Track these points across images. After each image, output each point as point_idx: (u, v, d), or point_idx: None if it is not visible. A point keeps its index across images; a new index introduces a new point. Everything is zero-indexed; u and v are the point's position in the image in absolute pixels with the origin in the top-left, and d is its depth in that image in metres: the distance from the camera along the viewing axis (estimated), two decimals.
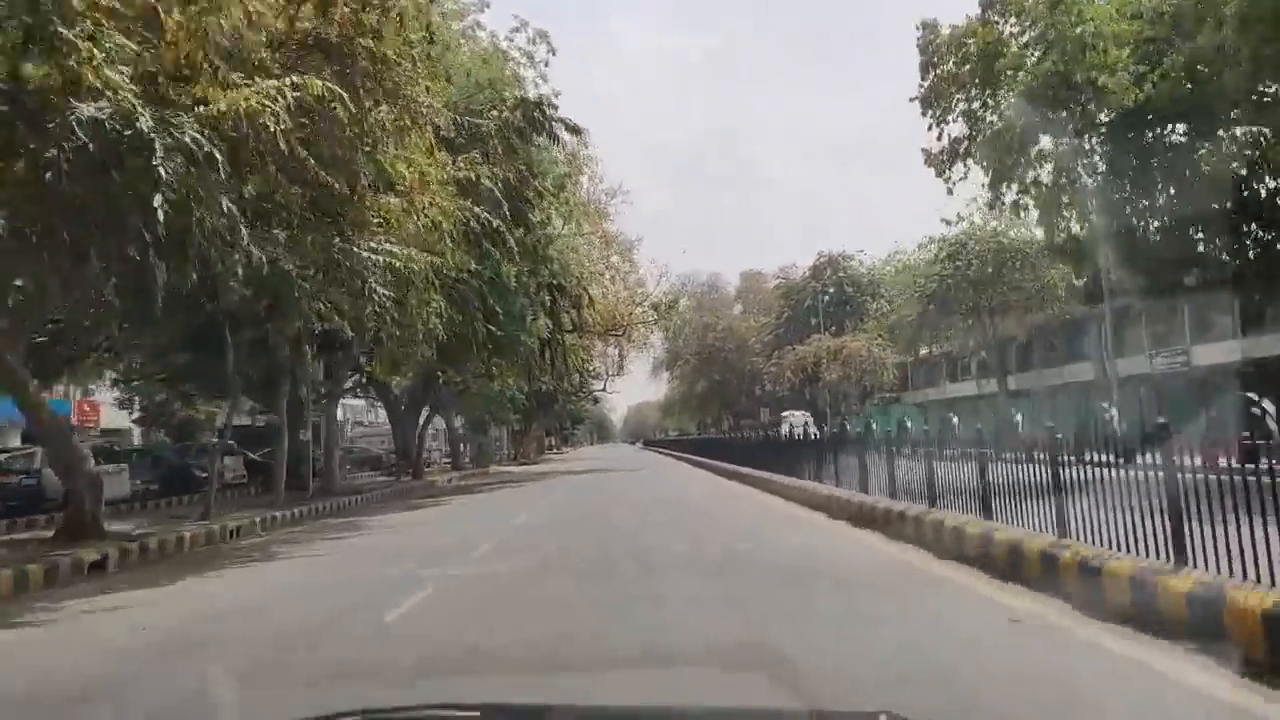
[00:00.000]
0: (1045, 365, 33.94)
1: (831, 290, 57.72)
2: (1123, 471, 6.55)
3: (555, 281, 32.64)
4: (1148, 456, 6.18)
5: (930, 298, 34.17)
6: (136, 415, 46.89)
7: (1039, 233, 33.20)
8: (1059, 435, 7.88)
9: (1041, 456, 7.97)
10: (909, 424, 14.86)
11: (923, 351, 50.28)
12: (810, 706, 4.36)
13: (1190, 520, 5.71)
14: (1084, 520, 7.04)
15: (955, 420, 15.46)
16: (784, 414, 35.20)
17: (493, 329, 26.58)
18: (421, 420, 38.05)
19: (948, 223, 35.15)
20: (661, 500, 19.86)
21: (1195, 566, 5.63)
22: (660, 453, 66.41)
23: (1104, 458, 6.98)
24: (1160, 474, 5.98)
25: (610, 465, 44.27)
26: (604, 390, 70.46)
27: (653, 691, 4.63)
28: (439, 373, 35.12)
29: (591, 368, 63.42)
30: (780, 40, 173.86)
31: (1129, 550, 6.35)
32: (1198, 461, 5.91)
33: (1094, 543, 6.86)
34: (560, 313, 34.72)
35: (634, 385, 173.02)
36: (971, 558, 8.24)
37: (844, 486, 15.19)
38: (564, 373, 53.09)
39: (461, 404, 44.86)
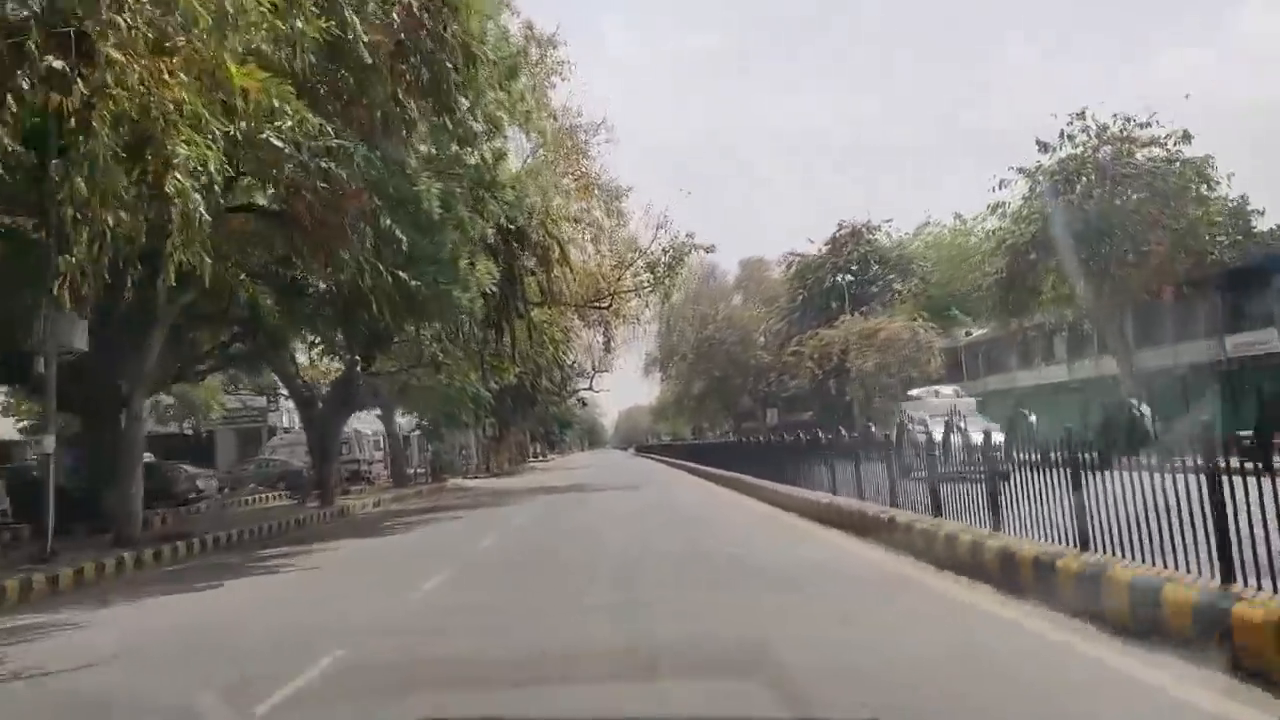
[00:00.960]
0: (1189, 336, 24.14)
1: (854, 267, 47.74)
2: None
3: (512, 224, 22.58)
4: None
5: (1030, 246, 24.18)
6: (25, 423, 37.04)
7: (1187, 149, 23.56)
8: None
9: None
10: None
11: (987, 328, 40.31)
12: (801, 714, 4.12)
13: None
14: None
15: None
16: (914, 395, 23.58)
17: (402, 276, 16.62)
18: (345, 423, 27.92)
19: (1044, 147, 25.40)
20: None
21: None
22: (656, 459, 56.37)
23: None
24: None
25: (599, 478, 34.28)
26: (590, 389, 60.48)
27: None
28: (357, 360, 25.07)
29: (572, 360, 53.44)
30: (780, 40, 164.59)
31: None
32: None
33: None
34: (523, 273, 24.66)
35: (624, 386, 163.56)
36: None
37: None
38: (541, 366, 43.07)
39: (406, 403, 34.75)
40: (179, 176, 8.12)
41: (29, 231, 12.70)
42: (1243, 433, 5.40)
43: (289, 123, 11.35)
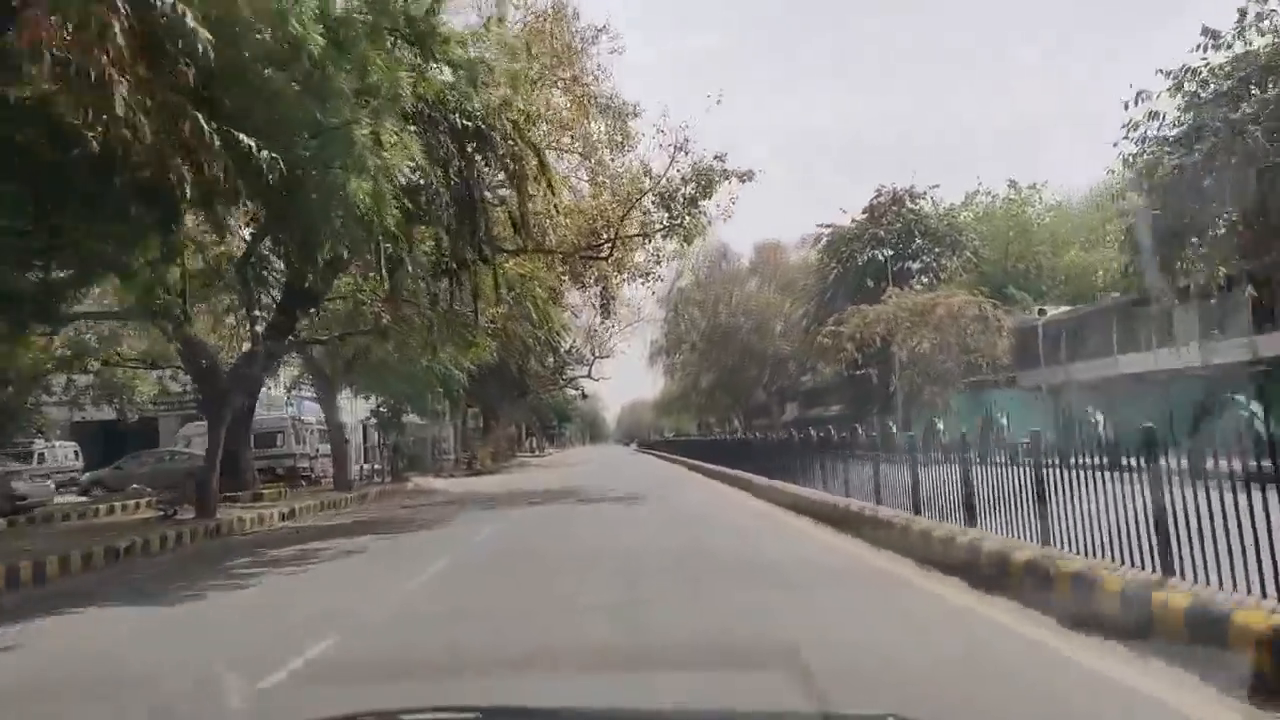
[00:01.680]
0: None
1: (896, 237, 40.15)
2: None
3: (468, 119, 15.28)
4: None
5: (1205, 165, 16.66)
6: None
7: None
8: None
9: None
10: None
11: (1064, 306, 33.15)
12: (820, 708, 4.08)
13: None
14: None
15: None
16: None
17: (243, 141, 9.52)
18: (245, 404, 20.65)
19: (1213, 37, 18.01)
20: None
21: None
22: (659, 456, 48.98)
23: None
24: None
25: (594, 479, 27.18)
26: (589, 376, 53.24)
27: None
28: (255, 317, 17.99)
29: (569, 345, 46.22)
30: (780, 40, 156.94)
31: None
32: None
33: None
34: (486, 200, 17.36)
35: (627, 379, 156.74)
36: None
37: None
38: (529, 346, 35.76)
39: (354, 382, 27.55)
40: None
41: None
42: None
43: None
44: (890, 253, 39.55)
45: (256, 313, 17.83)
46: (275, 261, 20.11)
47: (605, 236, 20.58)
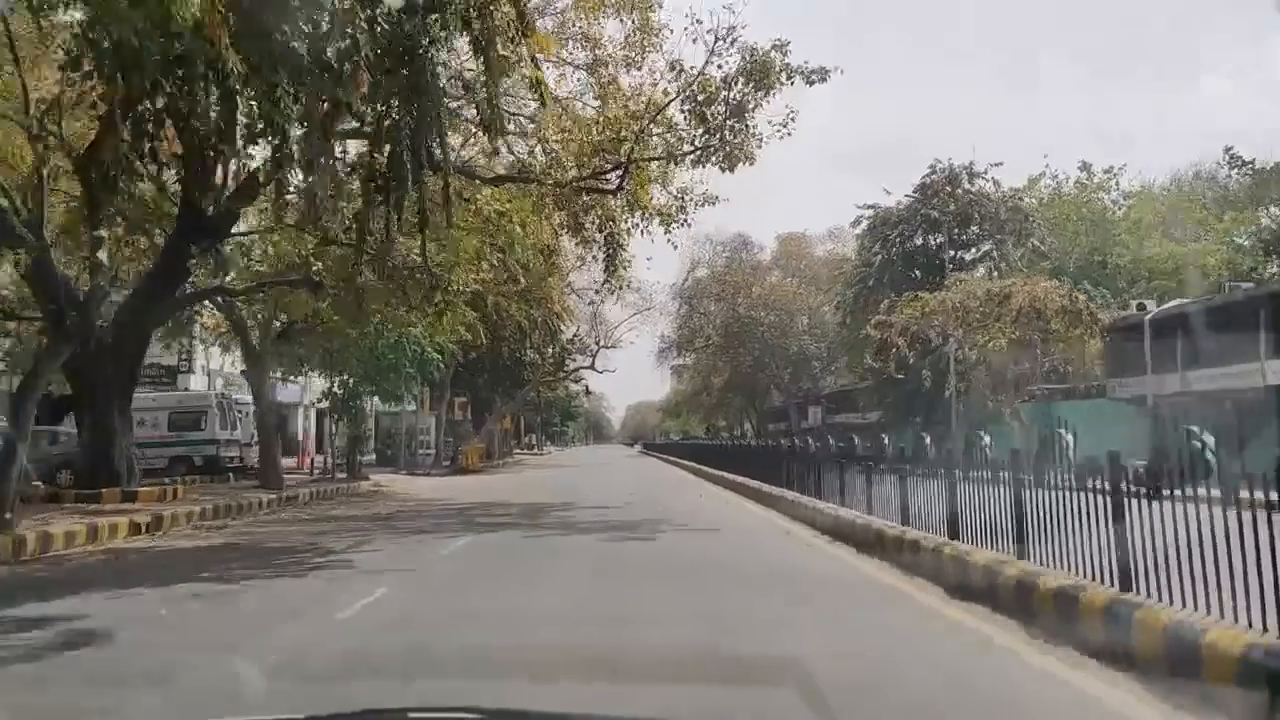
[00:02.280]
0: None
1: (951, 220, 33.93)
2: None
3: None
4: None
5: None
6: None
7: None
8: None
9: None
10: None
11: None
12: None
13: None
14: None
15: None
16: None
17: None
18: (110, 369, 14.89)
19: None
20: None
21: None
22: (671, 462, 42.89)
23: None
24: None
25: (590, 489, 21.47)
26: (592, 367, 47.29)
27: None
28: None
29: (574, 330, 40.47)
30: (795, 40, 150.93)
31: None
32: None
33: None
34: (435, 77, 11.45)
35: (633, 380, 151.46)
36: None
37: None
38: (525, 328, 29.97)
39: (286, 352, 21.77)
40: None
41: None
42: None
43: None
44: (941, 239, 33.58)
45: (103, 233, 11.99)
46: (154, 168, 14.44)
47: (614, 156, 14.65)
